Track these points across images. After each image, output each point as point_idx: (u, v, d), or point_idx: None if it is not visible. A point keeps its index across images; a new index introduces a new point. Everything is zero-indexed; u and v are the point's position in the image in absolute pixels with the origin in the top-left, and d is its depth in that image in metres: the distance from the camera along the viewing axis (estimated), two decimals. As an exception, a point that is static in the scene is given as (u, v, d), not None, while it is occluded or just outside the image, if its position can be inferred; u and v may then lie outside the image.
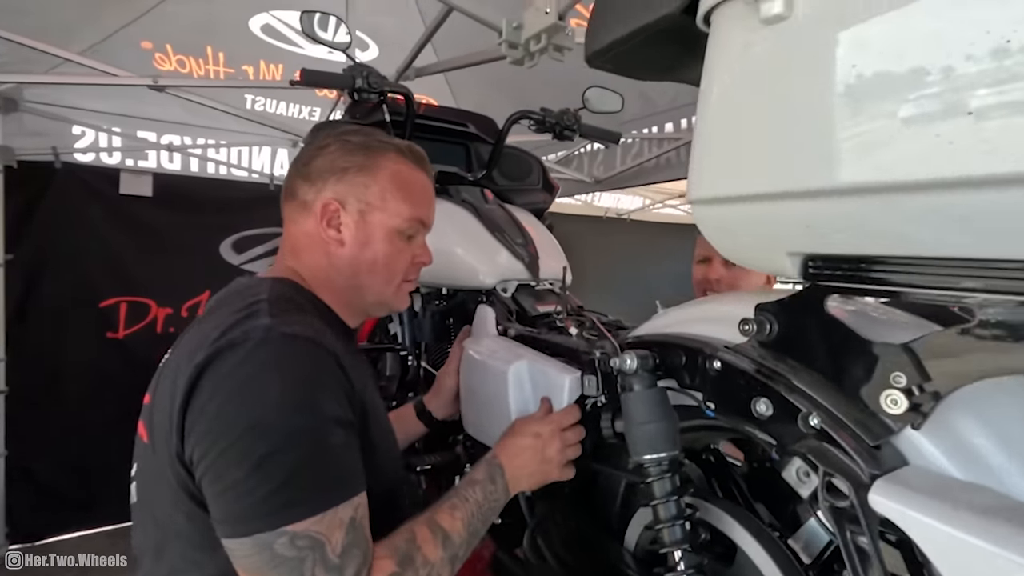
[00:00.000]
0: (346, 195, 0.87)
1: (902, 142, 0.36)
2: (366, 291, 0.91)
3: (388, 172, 0.89)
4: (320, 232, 0.87)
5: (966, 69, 0.33)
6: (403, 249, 0.92)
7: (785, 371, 0.61)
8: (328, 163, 0.88)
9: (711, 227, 0.54)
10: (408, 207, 0.91)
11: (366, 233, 0.88)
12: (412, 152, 0.93)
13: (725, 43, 0.48)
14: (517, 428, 0.92)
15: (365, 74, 1.47)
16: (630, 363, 0.76)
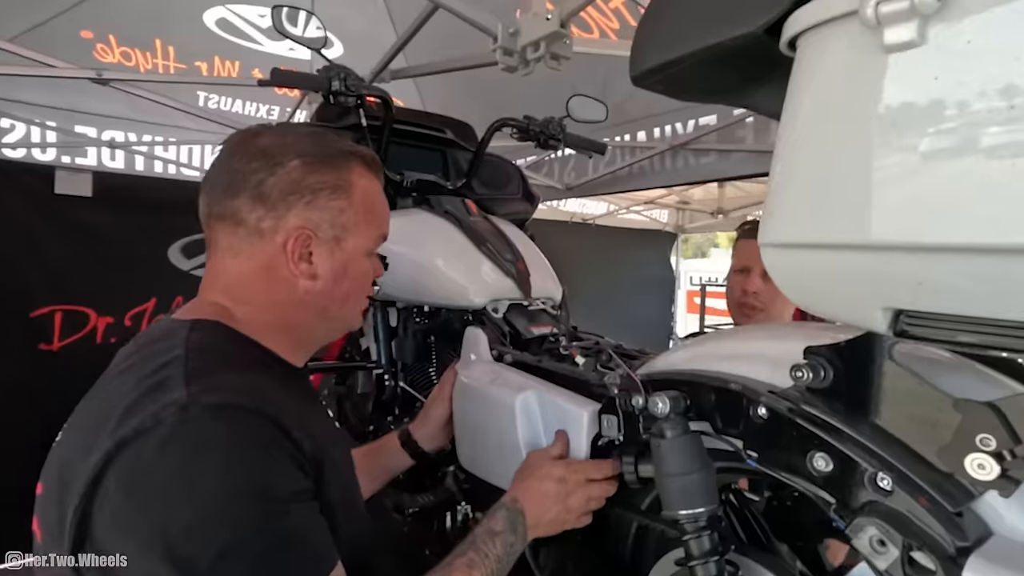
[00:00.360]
0: (319, 222, 0.75)
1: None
2: (332, 323, 0.82)
3: (360, 191, 0.78)
4: (284, 266, 0.73)
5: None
6: (369, 270, 0.84)
7: (844, 423, 0.56)
8: (291, 183, 0.73)
9: (786, 273, 0.49)
10: (377, 226, 0.82)
11: (341, 262, 0.77)
12: (373, 162, 0.83)
13: (819, 70, 0.42)
14: (538, 469, 0.83)
15: (342, 76, 1.36)
16: (662, 407, 0.69)
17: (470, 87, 2.98)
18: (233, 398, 0.60)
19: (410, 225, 1.49)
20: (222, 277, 0.75)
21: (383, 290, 1.53)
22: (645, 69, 0.53)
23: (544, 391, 0.91)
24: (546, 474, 0.82)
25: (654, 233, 6.32)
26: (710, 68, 0.51)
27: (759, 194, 5.18)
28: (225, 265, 0.75)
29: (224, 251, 0.75)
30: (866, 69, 0.39)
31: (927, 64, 0.35)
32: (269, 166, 0.73)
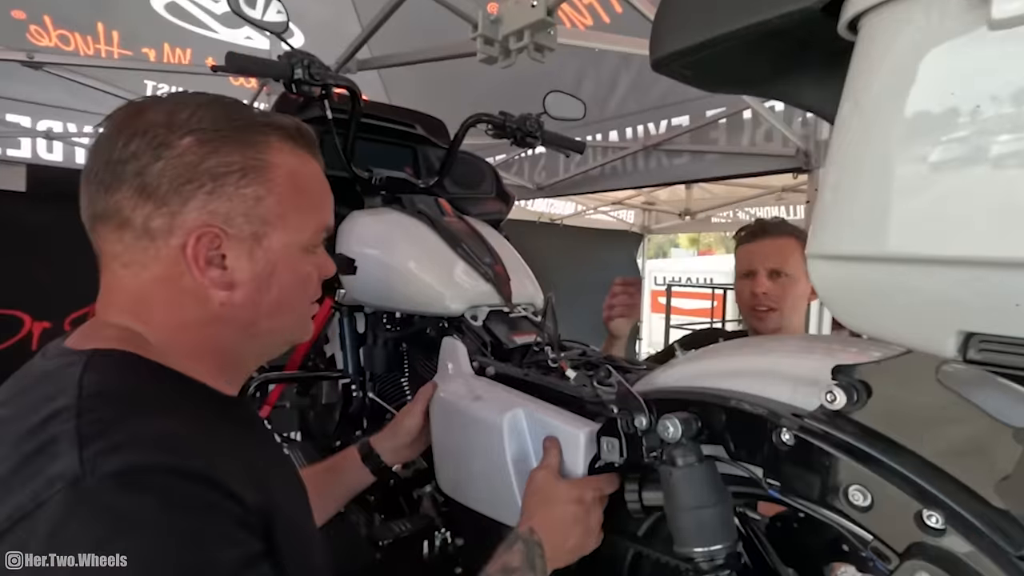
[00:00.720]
0: (229, 215, 0.59)
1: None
2: (269, 338, 0.66)
3: (283, 172, 0.62)
4: (189, 274, 0.58)
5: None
6: (310, 270, 0.67)
7: (885, 453, 0.51)
8: (184, 168, 0.57)
9: (836, 289, 0.42)
10: (314, 214, 0.66)
11: (267, 264, 0.61)
12: (300, 135, 0.65)
13: (892, 54, 0.36)
14: (551, 492, 0.74)
15: (306, 63, 1.25)
16: (672, 431, 0.63)
17: (440, 83, 2.88)
18: (147, 457, 0.46)
19: (380, 225, 1.39)
20: (117, 293, 0.60)
21: (351, 294, 1.43)
22: (669, 52, 0.46)
23: (534, 409, 0.83)
24: (562, 497, 0.73)
25: (621, 234, 6.34)
26: (746, 53, 0.44)
27: (725, 196, 5.24)
28: (117, 278, 0.59)
29: (112, 261, 0.59)
30: (959, 52, 0.32)
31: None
32: (153, 148, 0.56)
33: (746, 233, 1.50)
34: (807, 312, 1.57)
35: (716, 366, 0.73)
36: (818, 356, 0.63)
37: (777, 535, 0.80)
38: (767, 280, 1.41)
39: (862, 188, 0.38)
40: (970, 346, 0.39)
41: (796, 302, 1.42)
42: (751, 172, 2.72)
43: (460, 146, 1.63)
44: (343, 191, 1.50)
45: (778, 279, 1.40)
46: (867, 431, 0.53)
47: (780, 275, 1.40)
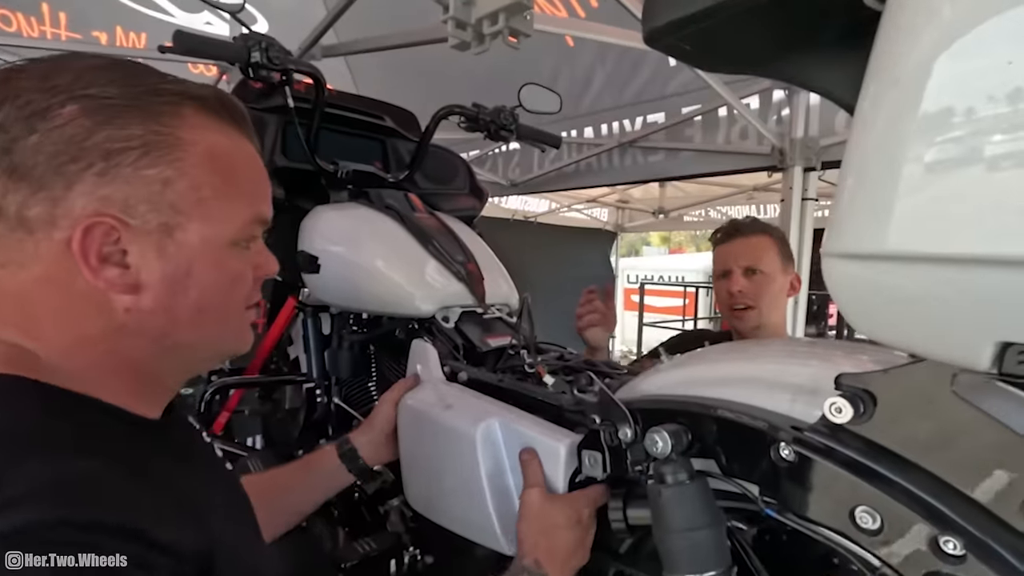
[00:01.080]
0: (127, 202, 0.48)
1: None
2: (191, 351, 0.56)
3: (201, 150, 0.51)
4: (81, 275, 0.47)
5: None
6: (243, 269, 0.56)
7: (895, 471, 0.46)
8: (67, 143, 0.46)
9: (852, 291, 0.37)
10: (245, 202, 0.55)
11: (181, 262, 0.51)
12: (223, 106, 0.54)
13: (928, 27, 0.31)
14: (548, 517, 0.68)
15: (264, 46, 1.16)
16: (662, 445, 0.58)
17: (412, 75, 2.79)
18: (49, 511, 0.38)
19: (346, 221, 1.31)
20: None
21: (315, 294, 1.35)
22: (665, 23, 0.41)
23: (509, 419, 0.77)
24: (562, 521, 0.67)
25: (595, 232, 6.34)
26: (752, 24, 0.39)
27: (698, 195, 5.28)
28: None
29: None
30: (1010, 23, 0.27)
31: None
32: (25, 118, 0.45)
33: (720, 235, 1.50)
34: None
35: (705, 372, 0.68)
36: (816, 363, 0.59)
37: (765, 548, 0.76)
38: (742, 278, 1.40)
39: (889, 177, 0.33)
40: (1007, 357, 0.35)
41: (774, 299, 1.41)
42: (726, 170, 2.72)
43: (431, 139, 1.56)
44: (307, 185, 1.41)
45: (753, 277, 1.40)
46: (875, 447, 0.48)
47: (755, 273, 1.40)
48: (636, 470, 0.65)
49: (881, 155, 0.33)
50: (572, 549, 0.66)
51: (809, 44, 0.41)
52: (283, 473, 0.94)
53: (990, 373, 0.35)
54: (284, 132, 1.44)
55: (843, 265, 0.37)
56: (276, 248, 1.47)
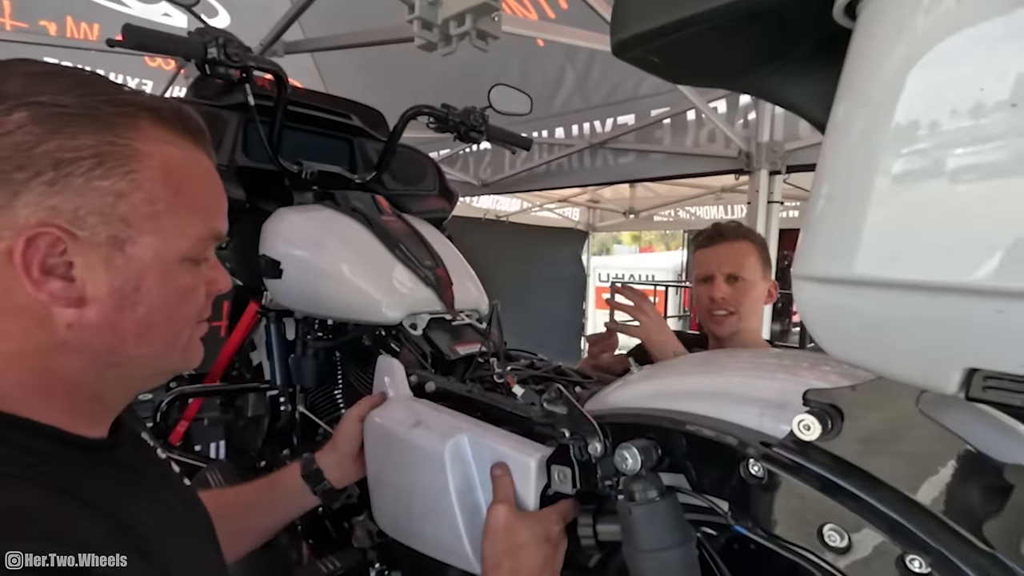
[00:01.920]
0: (77, 214, 0.46)
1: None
2: (136, 367, 0.53)
3: (156, 163, 0.50)
4: (21, 288, 0.45)
5: None
6: (194, 284, 0.54)
7: (863, 489, 0.46)
8: (14, 150, 0.44)
9: (822, 315, 0.37)
10: (199, 218, 0.53)
11: (128, 276, 0.49)
12: (179, 119, 0.53)
13: (897, 45, 0.30)
14: (517, 535, 0.65)
15: (222, 42, 1.11)
16: (631, 462, 0.57)
17: (383, 74, 2.73)
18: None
19: (310, 224, 1.27)
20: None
21: (277, 299, 1.30)
22: (633, 34, 0.39)
23: (479, 434, 0.76)
24: (529, 539, 0.65)
25: (567, 231, 6.36)
26: (722, 38, 0.38)
27: (667, 195, 5.34)
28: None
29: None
30: (989, 38, 0.27)
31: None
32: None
33: (704, 238, 1.49)
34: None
35: (675, 385, 0.67)
36: (784, 376, 0.59)
37: (734, 556, 0.76)
38: (724, 285, 1.40)
39: (859, 202, 0.33)
40: (975, 383, 0.34)
41: (753, 306, 1.42)
42: (695, 172, 2.75)
43: (400, 139, 1.53)
44: (269, 185, 1.37)
45: (735, 283, 1.40)
46: (842, 464, 0.48)
47: (737, 280, 1.40)
48: (606, 485, 0.64)
49: (852, 176, 0.33)
50: (539, 568, 0.65)
51: (778, 60, 0.41)
52: (246, 491, 0.90)
53: (958, 397, 0.35)
54: (245, 130, 1.39)
55: (813, 288, 0.36)
56: (237, 251, 1.42)
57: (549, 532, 0.66)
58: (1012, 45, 0.27)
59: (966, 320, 0.31)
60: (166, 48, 1.05)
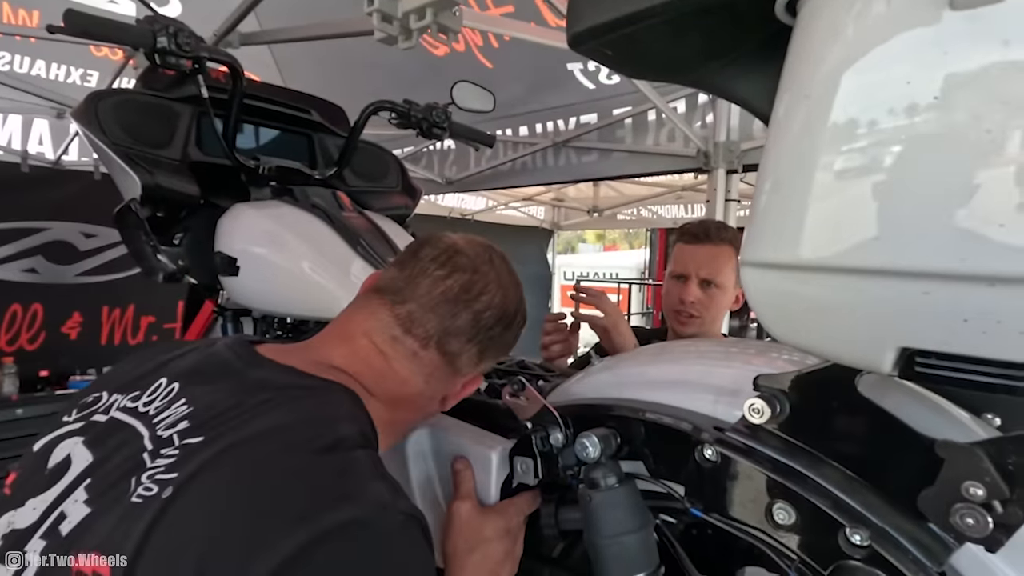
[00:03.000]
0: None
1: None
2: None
3: None
4: (439, 395, 0.71)
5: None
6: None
7: (808, 468, 0.48)
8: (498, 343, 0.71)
9: (768, 299, 0.38)
10: None
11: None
12: None
13: (836, 41, 0.32)
14: (479, 532, 0.66)
15: (172, 30, 1.07)
16: (591, 450, 0.57)
17: (341, 69, 2.68)
18: (414, 508, 0.54)
19: (267, 220, 1.24)
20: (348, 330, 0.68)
21: (234, 297, 1.27)
22: (588, 27, 0.40)
23: (439, 426, 0.75)
24: (491, 534, 0.66)
25: (532, 230, 6.39)
26: (673, 33, 0.39)
27: (630, 194, 5.43)
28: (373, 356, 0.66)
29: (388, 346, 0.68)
30: (916, 39, 0.29)
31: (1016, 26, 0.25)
32: (505, 325, 0.71)
33: (688, 234, 1.43)
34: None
35: (634, 375, 0.69)
36: (738, 364, 0.61)
37: (692, 540, 0.78)
38: (697, 289, 1.36)
39: (799, 192, 0.34)
40: (908, 362, 0.37)
41: (719, 312, 1.40)
42: (655, 171, 2.80)
43: (361, 134, 1.51)
44: (225, 181, 1.33)
45: (708, 289, 1.37)
46: (790, 445, 0.50)
47: (711, 285, 1.37)
48: (568, 474, 0.65)
49: (792, 168, 0.34)
50: (501, 561, 0.65)
51: (728, 55, 0.42)
52: None
53: (892, 375, 0.37)
54: (199, 124, 1.35)
55: (759, 274, 0.38)
56: (191, 248, 1.37)
57: (510, 525, 0.67)
58: (937, 44, 0.29)
59: (898, 302, 0.33)
60: (111, 36, 1.01)
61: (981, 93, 0.28)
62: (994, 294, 0.28)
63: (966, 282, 0.29)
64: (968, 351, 0.31)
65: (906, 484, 0.45)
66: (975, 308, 0.29)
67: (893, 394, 0.47)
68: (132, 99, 1.26)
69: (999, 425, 0.45)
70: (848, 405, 0.47)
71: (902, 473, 0.45)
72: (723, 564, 0.76)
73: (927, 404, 0.46)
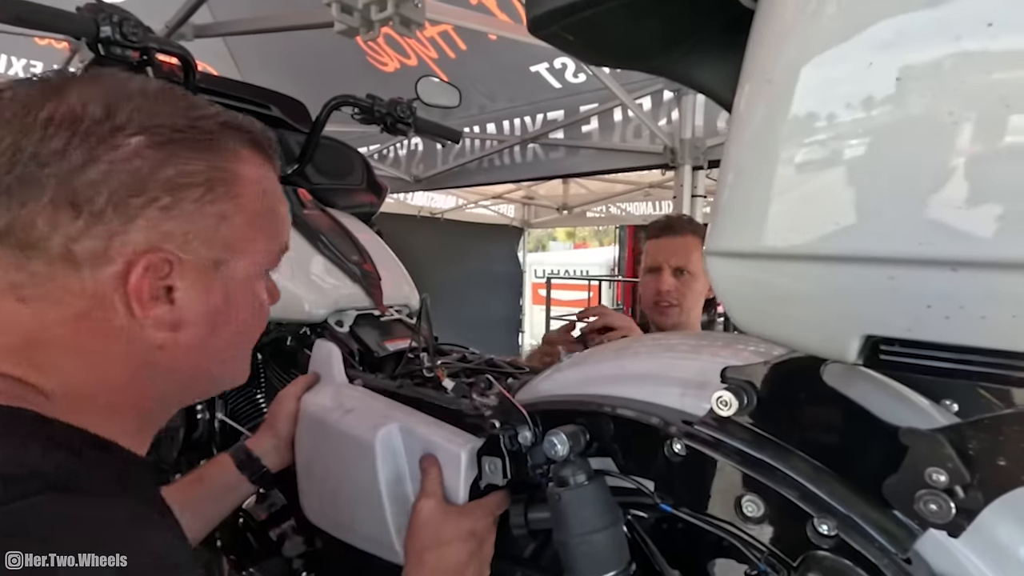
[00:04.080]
0: (187, 238, 0.47)
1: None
2: (210, 385, 0.57)
3: (252, 187, 0.52)
4: (125, 312, 0.46)
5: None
6: (263, 299, 0.57)
7: (776, 459, 0.48)
8: (134, 175, 0.44)
9: (732, 288, 0.38)
10: (277, 236, 0.56)
11: (222, 297, 0.50)
12: (268, 142, 0.56)
13: (797, 26, 0.31)
14: (441, 530, 0.64)
15: (116, 19, 1.02)
16: (560, 448, 0.56)
17: (303, 64, 2.61)
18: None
19: (224, 219, 1.19)
20: (6, 335, 0.45)
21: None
22: (548, 10, 0.39)
23: (410, 423, 0.74)
24: (453, 534, 0.64)
25: (502, 228, 6.39)
26: (634, 17, 0.38)
27: (599, 191, 5.47)
28: (9, 315, 0.45)
29: (6, 292, 0.45)
30: (878, 24, 0.28)
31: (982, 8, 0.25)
32: (90, 144, 0.43)
33: (655, 229, 1.53)
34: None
35: (602, 370, 0.68)
36: (705, 356, 0.60)
37: (662, 534, 0.78)
38: (671, 278, 1.44)
39: (762, 180, 0.34)
40: (873, 350, 0.36)
41: (696, 299, 1.47)
42: (622, 167, 2.82)
43: (323, 130, 1.46)
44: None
45: (681, 277, 1.44)
46: (758, 437, 0.50)
47: (683, 273, 1.44)
48: (537, 473, 0.64)
49: (755, 156, 0.34)
50: (463, 563, 0.63)
51: (688, 41, 0.41)
52: (171, 492, 0.84)
53: (857, 364, 0.37)
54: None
55: (723, 263, 0.37)
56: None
57: (475, 527, 0.65)
58: (896, 25, 0.28)
59: (862, 289, 0.33)
60: (49, 24, 0.95)
61: (941, 79, 0.27)
62: (956, 279, 0.28)
63: (929, 267, 0.28)
64: (932, 337, 0.31)
65: (872, 472, 0.45)
66: (938, 293, 0.29)
67: (858, 383, 0.47)
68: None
69: (956, 411, 0.46)
70: (814, 395, 0.47)
71: (868, 462, 0.45)
72: (694, 558, 0.76)
73: (890, 392, 0.46)
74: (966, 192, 0.26)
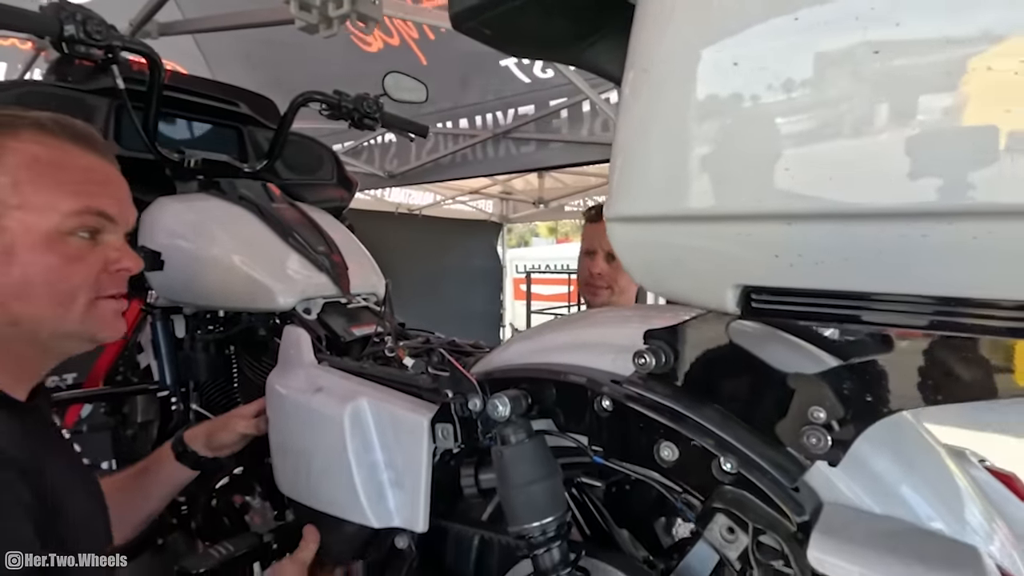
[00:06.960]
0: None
1: (926, 163, 0.28)
2: (31, 326, 0.65)
3: (23, 155, 0.64)
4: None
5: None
6: (79, 256, 0.67)
7: (688, 408, 0.54)
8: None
9: (631, 250, 0.43)
10: (68, 197, 0.66)
11: (2, 244, 0.63)
12: (62, 126, 0.68)
13: (669, 16, 0.36)
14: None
15: (80, 18, 1.04)
16: (502, 409, 0.61)
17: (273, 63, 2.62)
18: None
19: (191, 213, 1.22)
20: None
21: (163, 294, 1.24)
22: (468, 6, 0.44)
23: (377, 397, 0.78)
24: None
25: (481, 223, 6.41)
26: (545, 12, 0.43)
27: (575, 185, 5.52)
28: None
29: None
30: (731, 11, 0.33)
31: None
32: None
33: (593, 213, 1.62)
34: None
35: (549, 341, 0.73)
36: (636, 324, 0.66)
37: (612, 499, 0.84)
38: (603, 262, 1.52)
39: (645, 151, 0.39)
40: (747, 300, 0.42)
41: (629, 283, 1.55)
42: (592, 160, 2.88)
43: (291, 126, 1.49)
44: (148, 176, 1.29)
45: (613, 262, 1.52)
46: (675, 390, 0.55)
47: (615, 258, 1.51)
48: (488, 438, 0.69)
49: (638, 134, 0.39)
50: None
51: (595, 33, 0.46)
52: (120, 478, 0.96)
53: (736, 314, 0.42)
54: (117, 117, 1.31)
55: (621, 227, 0.42)
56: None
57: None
58: (733, 23, 0.33)
59: (726, 243, 0.38)
60: (12, 23, 0.97)
61: (765, 66, 0.33)
62: (791, 231, 0.34)
63: (770, 221, 0.34)
64: (783, 283, 0.37)
65: (767, 415, 0.51)
66: (781, 244, 0.35)
67: (754, 337, 0.53)
68: (37, 91, 1.21)
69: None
70: (720, 350, 0.53)
71: (764, 406, 0.51)
72: (641, 516, 0.82)
73: (782, 343, 0.52)
74: (792, 157, 0.32)
